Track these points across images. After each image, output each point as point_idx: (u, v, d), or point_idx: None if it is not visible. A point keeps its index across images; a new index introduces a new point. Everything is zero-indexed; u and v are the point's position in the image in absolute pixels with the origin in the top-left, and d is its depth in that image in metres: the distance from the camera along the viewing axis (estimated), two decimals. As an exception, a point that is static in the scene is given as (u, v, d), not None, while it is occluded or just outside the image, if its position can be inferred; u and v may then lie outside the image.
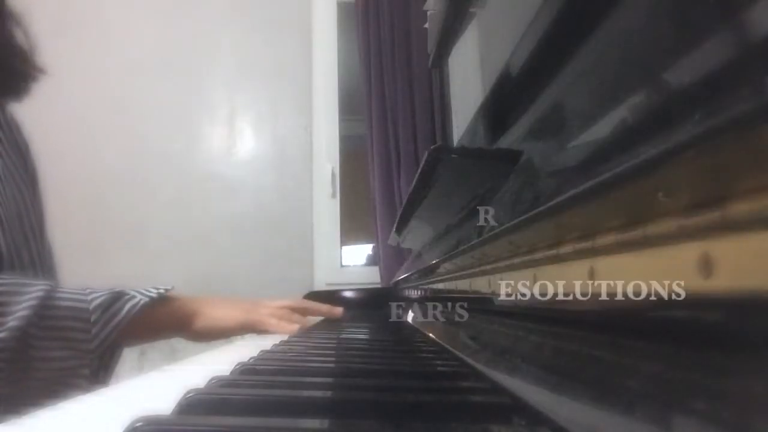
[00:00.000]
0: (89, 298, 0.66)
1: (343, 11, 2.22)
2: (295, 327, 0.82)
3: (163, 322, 0.75)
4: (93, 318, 0.65)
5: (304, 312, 0.89)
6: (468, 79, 0.94)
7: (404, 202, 0.79)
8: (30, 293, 0.62)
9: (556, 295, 0.27)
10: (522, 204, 0.31)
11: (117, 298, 0.68)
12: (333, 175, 2.15)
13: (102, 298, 0.67)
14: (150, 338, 0.77)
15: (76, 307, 0.65)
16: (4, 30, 0.76)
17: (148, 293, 0.70)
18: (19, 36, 0.77)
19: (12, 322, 0.59)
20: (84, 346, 0.64)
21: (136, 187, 2.10)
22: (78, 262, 1.20)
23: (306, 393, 0.30)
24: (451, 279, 0.57)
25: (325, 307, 0.97)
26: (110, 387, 0.37)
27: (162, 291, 0.72)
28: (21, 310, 0.61)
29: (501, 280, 0.36)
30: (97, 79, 2.13)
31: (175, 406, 0.26)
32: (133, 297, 0.69)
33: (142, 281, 0.76)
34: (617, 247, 0.20)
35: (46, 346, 0.62)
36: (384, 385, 0.33)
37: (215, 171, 2.15)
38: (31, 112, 0.83)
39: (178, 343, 0.81)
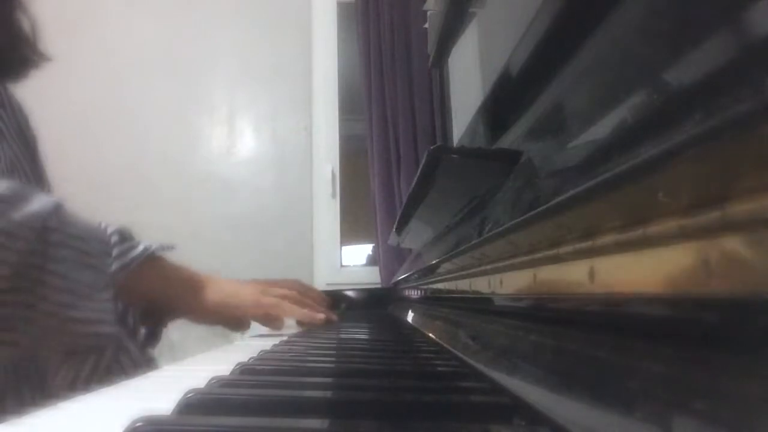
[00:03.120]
0: (102, 225, 0.62)
1: (343, 11, 2.22)
2: (321, 316, 0.76)
3: (177, 282, 0.70)
4: (112, 240, 0.61)
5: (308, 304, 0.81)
6: (468, 79, 0.94)
7: (404, 202, 0.79)
8: (42, 196, 0.56)
9: (556, 295, 0.27)
10: (522, 204, 0.31)
11: (131, 235, 0.64)
12: (333, 175, 2.15)
13: (115, 227, 0.63)
14: (161, 300, 0.70)
15: (93, 227, 0.60)
16: (10, 14, 0.75)
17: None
18: (23, 21, 0.76)
19: (34, 206, 0.53)
20: (104, 261, 0.59)
21: (136, 187, 2.10)
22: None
23: (306, 393, 0.30)
24: (451, 279, 0.57)
25: (322, 314, 0.84)
26: (110, 387, 0.37)
27: (168, 246, 0.69)
28: (36, 203, 0.54)
29: (501, 280, 0.36)
30: (97, 78, 2.13)
31: (175, 406, 0.26)
32: (146, 241, 0.65)
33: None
34: (617, 247, 0.20)
35: (63, 255, 0.55)
36: (384, 385, 0.33)
37: (215, 171, 2.15)
38: (30, 112, 0.83)
39: (178, 343, 0.80)
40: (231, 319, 0.75)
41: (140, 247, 0.63)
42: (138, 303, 0.67)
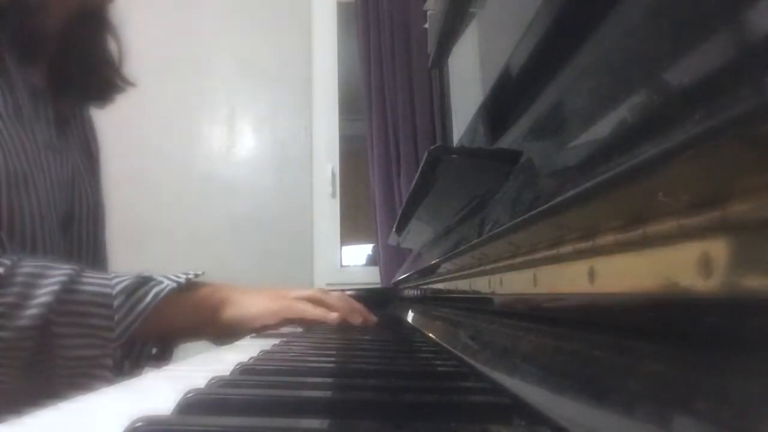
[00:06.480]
0: (113, 282, 0.64)
1: (343, 11, 2.22)
2: (333, 315, 0.75)
3: (191, 311, 0.70)
4: (116, 303, 0.62)
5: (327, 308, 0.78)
6: (468, 79, 0.95)
7: (404, 202, 0.79)
8: (53, 277, 0.60)
9: (556, 295, 0.27)
10: (522, 204, 0.31)
11: (143, 283, 0.65)
12: (333, 175, 2.15)
13: (126, 282, 0.64)
14: (176, 330, 0.71)
15: (100, 293, 0.62)
16: (99, 38, 0.79)
17: (176, 278, 0.67)
18: (112, 46, 0.79)
19: (34, 309, 0.58)
20: (106, 333, 0.61)
21: (136, 187, 2.10)
22: (78, 262, 1.20)
23: (306, 393, 0.30)
24: (451, 279, 0.57)
25: (360, 316, 0.80)
26: (110, 387, 0.37)
27: (191, 276, 0.69)
28: (43, 295, 0.59)
29: (501, 280, 0.36)
30: (97, 79, 2.13)
31: (175, 406, 0.26)
32: (160, 282, 0.66)
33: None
34: (617, 247, 0.20)
35: (67, 333, 0.60)
36: (384, 385, 0.33)
37: (215, 171, 2.15)
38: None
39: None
40: (250, 332, 0.75)
41: (149, 297, 0.64)
42: (150, 337, 0.69)
